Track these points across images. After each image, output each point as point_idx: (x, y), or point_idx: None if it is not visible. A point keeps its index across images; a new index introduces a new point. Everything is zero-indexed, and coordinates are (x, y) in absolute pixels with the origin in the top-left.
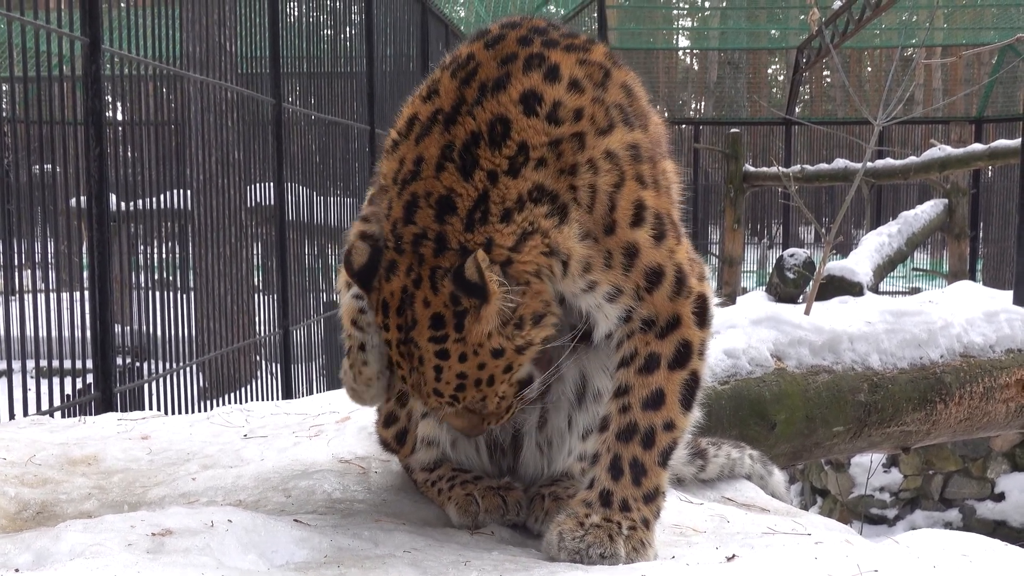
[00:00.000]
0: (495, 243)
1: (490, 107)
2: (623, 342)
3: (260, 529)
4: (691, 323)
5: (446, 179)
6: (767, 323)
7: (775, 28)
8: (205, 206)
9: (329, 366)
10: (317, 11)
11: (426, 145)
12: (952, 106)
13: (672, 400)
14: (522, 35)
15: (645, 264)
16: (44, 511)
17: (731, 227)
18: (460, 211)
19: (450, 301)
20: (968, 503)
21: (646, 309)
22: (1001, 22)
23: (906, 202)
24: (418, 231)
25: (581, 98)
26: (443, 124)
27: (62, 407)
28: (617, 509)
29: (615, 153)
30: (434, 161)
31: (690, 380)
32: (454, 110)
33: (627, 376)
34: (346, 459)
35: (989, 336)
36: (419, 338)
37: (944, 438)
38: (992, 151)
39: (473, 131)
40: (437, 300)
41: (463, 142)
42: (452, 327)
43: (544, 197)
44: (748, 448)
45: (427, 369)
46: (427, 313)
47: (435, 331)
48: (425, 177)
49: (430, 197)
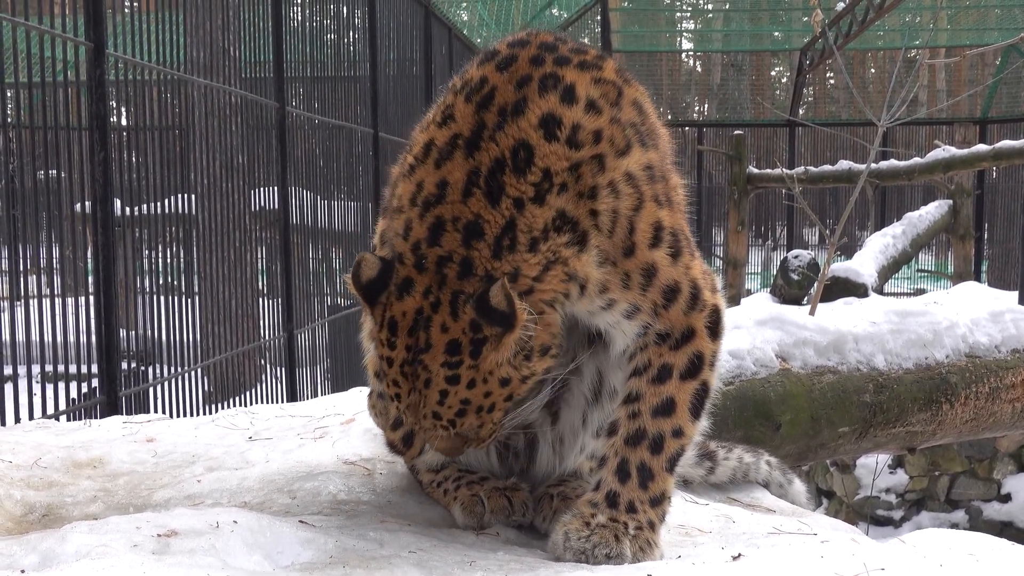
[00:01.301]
0: (521, 272)
1: (512, 132)
2: (637, 353)
3: (265, 530)
4: (704, 335)
5: (473, 205)
6: (772, 324)
7: (778, 30)
8: (209, 210)
9: (334, 369)
10: (320, 15)
11: (449, 170)
12: (956, 107)
13: (682, 409)
14: (533, 55)
15: (663, 282)
16: (50, 513)
17: (735, 229)
18: (488, 237)
19: (470, 328)
20: (974, 504)
21: (662, 324)
22: (1005, 23)
23: (910, 203)
24: (443, 253)
25: (599, 119)
26: (465, 149)
27: (68, 411)
28: (623, 510)
29: (634, 175)
30: (460, 186)
31: (700, 390)
32: (475, 135)
33: (639, 385)
34: (351, 461)
35: (995, 336)
36: (431, 362)
37: (950, 439)
38: (996, 152)
39: (497, 157)
40: (456, 326)
41: (488, 168)
42: (468, 354)
43: (566, 225)
44: (765, 455)
45: (432, 392)
46: (444, 338)
47: (450, 356)
48: (451, 201)
49: (457, 222)
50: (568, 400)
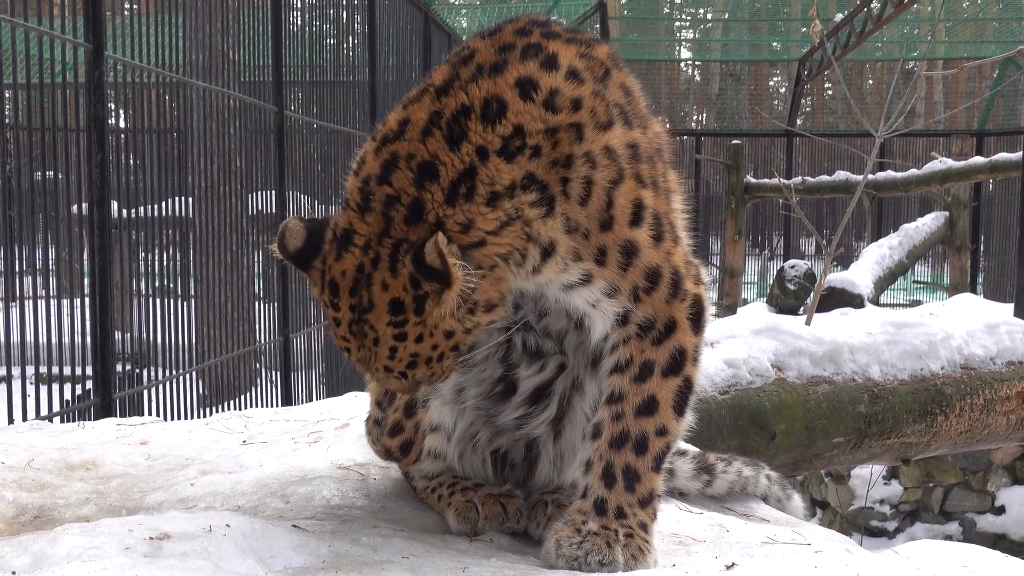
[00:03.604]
0: (475, 224)
1: (485, 86)
2: (618, 347)
3: (258, 534)
4: (687, 328)
5: (432, 144)
6: (768, 333)
7: (777, 40)
8: (206, 213)
9: (329, 374)
10: (320, 20)
11: (414, 111)
12: (953, 119)
13: (665, 407)
14: (520, 27)
15: (644, 264)
16: (42, 515)
17: (732, 238)
18: (442, 180)
19: (410, 284)
20: (968, 516)
21: (643, 311)
22: (1002, 36)
23: (907, 214)
24: (392, 192)
25: (580, 88)
26: (433, 94)
27: (61, 412)
28: (613, 517)
29: (614, 149)
30: (421, 125)
31: (683, 386)
32: (446, 84)
33: (621, 383)
34: (345, 465)
35: (990, 348)
36: (376, 321)
37: (944, 450)
38: (993, 164)
39: (464, 104)
40: (396, 283)
41: (452, 112)
42: (412, 311)
43: (533, 186)
44: (765, 468)
45: (381, 349)
46: (386, 297)
47: (394, 316)
48: (409, 139)
49: (412, 159)
50: (571, 418)
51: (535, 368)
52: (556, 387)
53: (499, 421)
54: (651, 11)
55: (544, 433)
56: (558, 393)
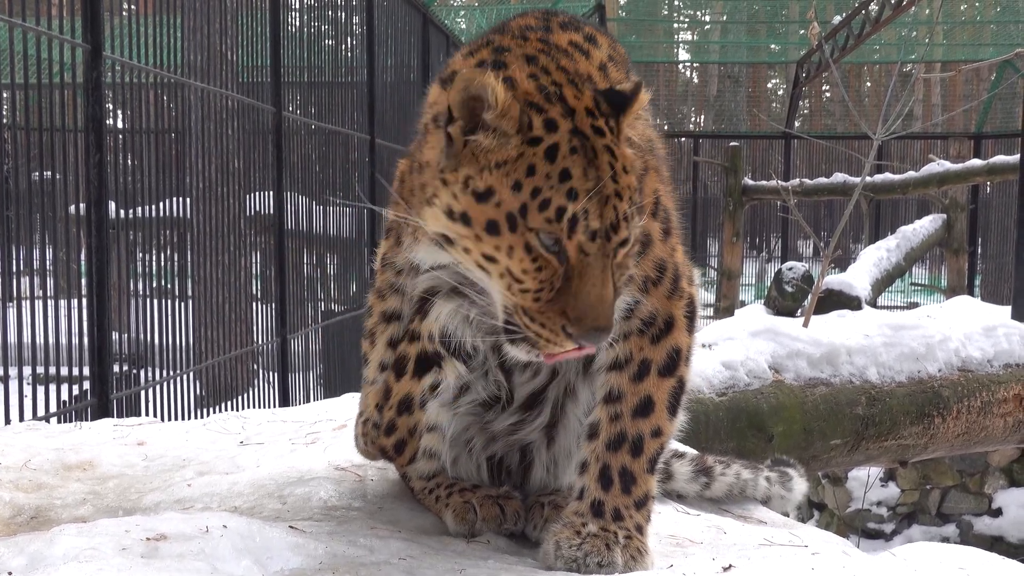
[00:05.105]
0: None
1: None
2: (617, 342)
3: (255, 535)
4: (683, 327)
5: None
6: (765, 335)
7: (775, 42)
8: (204, 214)
9: (327, 375)
10: (319, 21)
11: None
12: (951, 121)
13: (660, 407)
14: (562, 20)
15: (655, 256)
16: (39, 516)
17: (730, 240)
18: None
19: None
20: (965, 518)
21: (649, 303)
22: (1000, 39)
23: (905, 217)
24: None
25: (618, 75)
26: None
27: (58, 413)
28: (610, 519)
29: (638, 144)
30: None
31: (677, 387)
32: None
33: (619, 381)
34: (342, 467)
35: (987, 351)
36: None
37: (942, 452)
38: (991, 167)
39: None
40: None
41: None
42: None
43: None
44: (765, 470)
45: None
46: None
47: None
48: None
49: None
50: (565, 424)
51: (528, 374)
52: (549, 393)
53: (493, 427)
54: (650, 13)
55: (538, 439)
56: (551, 399)
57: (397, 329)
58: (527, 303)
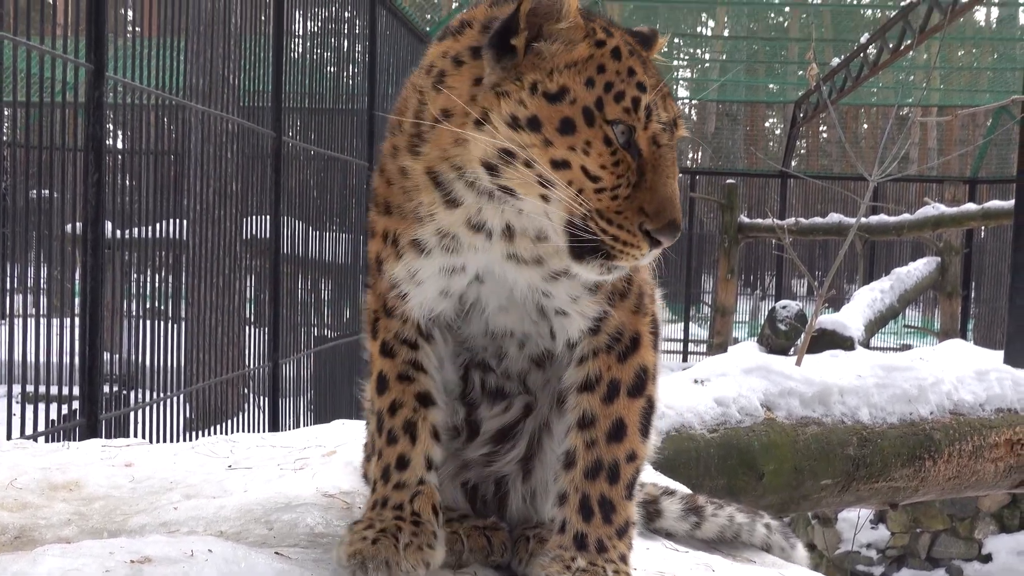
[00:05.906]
0: None
1: None
2: (587, 359)
3: (240, 560)
4: (649, 344)
5: None
6: (758, 373)
7: (774, 82)
8: (201, 236)
9: (317, 401)
10: (321, 48)
11: None
12: (947, 165)
13: (633, 430)
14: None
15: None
16: (22, 535)
17: (724, 277)
18: None
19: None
20: (955, 563)
21: (616, 319)
22: (996, 85)
23: (899, 259)
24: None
25: None
26: None
27: (46, 432)
28: (595, 551)
29: None
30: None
31: (647, 407)
32: None
33: (591, 404)
34: (331, 493)
35: (979, 395)
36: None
37: (932, 495)
38: (985, 211)
39: None
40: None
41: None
42: None
43: None
44: (765, 516)
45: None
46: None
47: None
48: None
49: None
50: (542, 458)
51: (499, 409)
52: (525, 427)
53: (465, 456)
54: None
55: (513, 472)
56: (527, 433)
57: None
58: (604, 203)
